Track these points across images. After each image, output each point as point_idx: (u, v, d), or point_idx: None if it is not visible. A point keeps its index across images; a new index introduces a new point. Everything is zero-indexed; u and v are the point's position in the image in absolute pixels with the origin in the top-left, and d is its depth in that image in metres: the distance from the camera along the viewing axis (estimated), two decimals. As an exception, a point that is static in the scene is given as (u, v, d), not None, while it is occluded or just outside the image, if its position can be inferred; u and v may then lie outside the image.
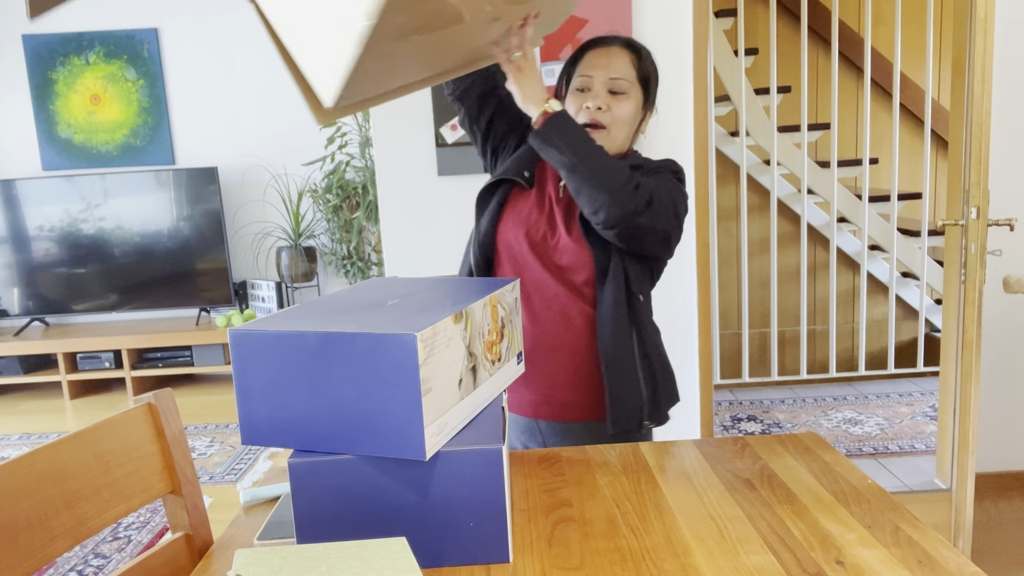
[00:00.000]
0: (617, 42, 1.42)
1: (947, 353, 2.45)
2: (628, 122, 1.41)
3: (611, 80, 1.38)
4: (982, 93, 2.02)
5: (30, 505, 0.90)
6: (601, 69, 1.39)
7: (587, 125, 1.39)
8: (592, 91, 1.40)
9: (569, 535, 0.97)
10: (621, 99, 1.39)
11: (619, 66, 1.39)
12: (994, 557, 2.24)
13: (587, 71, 1.40)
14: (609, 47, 1.41)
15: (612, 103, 1.39)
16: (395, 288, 1.11)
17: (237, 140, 4.29)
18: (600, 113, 1.38)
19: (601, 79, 1.39)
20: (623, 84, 1.39)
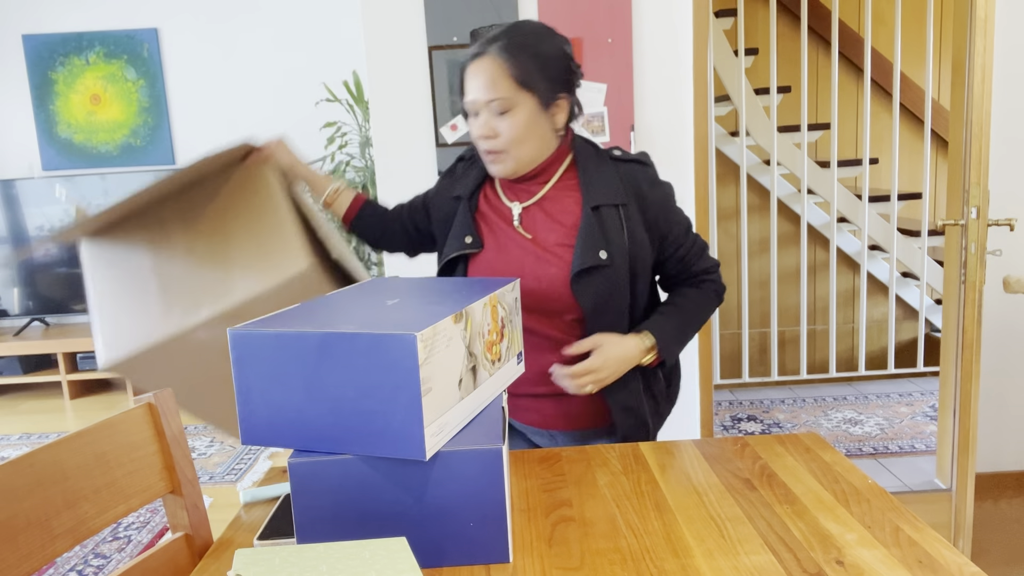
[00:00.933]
0: (487, 51, 1.28)
1: (947, 353, 2.45)
2: (526, 134, 1.29)
3: (487, 103, 1.27)
4: (982, 93, 2.01)
5: (30, 505, 0.90)
6: (476, 92, 1.28)
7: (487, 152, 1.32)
8: (479, 118, 1.30)
9: (569, 535, 0.97)
10: (506, 117, 1.28)
11: (493, 83, 1.26)
12: (994, 557, 2.24)
13: (467, 96, 1.31)
14: (480, 61, 1.28)
15: (499, 124, 1.28)
16: (395, 288, 1.11)
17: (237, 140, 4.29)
18: (492, 142, 1.30)
19: (480, 104, 1.28)
20: (504, 102, 1.27)
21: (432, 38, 2.33)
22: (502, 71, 1.26)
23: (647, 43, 2.35)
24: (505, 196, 1.40)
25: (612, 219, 1.32)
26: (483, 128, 1.29)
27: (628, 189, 1.34)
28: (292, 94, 4.24)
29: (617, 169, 1.35)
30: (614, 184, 1.34)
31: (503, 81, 1.26)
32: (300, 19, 4.18)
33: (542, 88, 1.29)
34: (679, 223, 1.39)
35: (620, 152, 1.39)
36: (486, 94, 1.27)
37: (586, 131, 2.37)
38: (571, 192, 1.36)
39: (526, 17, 2.32)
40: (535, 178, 1.36)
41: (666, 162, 2.40)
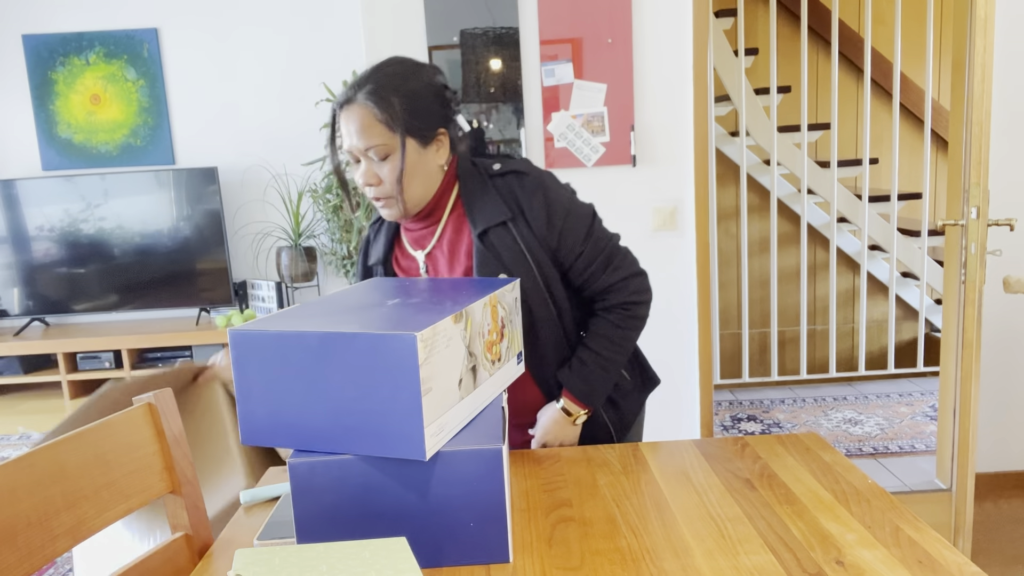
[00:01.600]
0: (356, 97, 1.23)
1: (947, 353, 2.45)
2: (409, 176, 1.25)
3: (365, 151, 1.23)
4: (982, 93, 2.01)
5: (30, 505, 0.90)
6: (353, 140, 1.24)
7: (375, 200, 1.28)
8: (360, 165, 1.27)
9: (569, 535, 0.97)
10: (386, 162, 1.24)
11: (366, 131, 1.22)
12: (994, 557, 2.24)
13: (344, 144, 1.26)
14: (349, 108, 1.23)
15: (381, 170, 1.24)
16: (395, 288, 1.11)
17: (237, 140, 4.30)
18: (376, 189, 1.25)
19: (358, 152, 1.24)
20: (379, 149, 1.22)
21: (432, 38, 2.33)
22: (372, 117, 1.22)
23: (647, 43, 2.35)
24: (410, 246, 1.36)
25: (503, 238, 1.27)
26: (366, 176, 1.26)
27: (509, 203, 1.28)
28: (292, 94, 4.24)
29: (497, 185, 1.30)
30: (494, 203, 1.28)
31: (375, 127, 1.22)
32: (300, 19, 4.18)
33: (415, 128, 1.24)
34: (571, 230, 1.29)
35: (499, 166, 1.32)
36: (362, 142, 1.22)
37: (586, 131, 2.37)
38: (463, 222, 1.31)
39: (526, 17, 2.32)
40: (428, 217, 1.31)
41: (666, 162, 2.40)
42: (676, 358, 2.48)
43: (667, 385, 2.50)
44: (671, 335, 2.47)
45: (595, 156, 2.38)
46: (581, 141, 2.37)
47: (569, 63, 2.34)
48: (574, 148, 2.38)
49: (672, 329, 2.47)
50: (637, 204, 2.42)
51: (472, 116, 2.37)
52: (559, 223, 1.28)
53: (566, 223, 1.29)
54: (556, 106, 2.36)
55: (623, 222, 2.43)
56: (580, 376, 1.31)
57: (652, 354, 2.48)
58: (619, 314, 1.33)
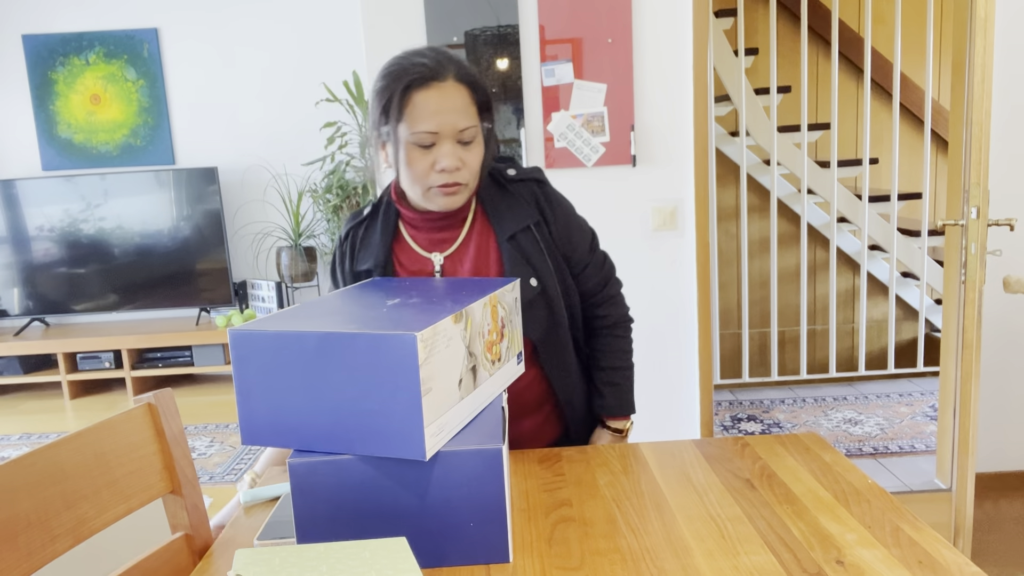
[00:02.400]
0: (447, 74, 1.15)
1: (947, 353, 2.45)
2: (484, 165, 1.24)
3: (460, 132, 1.15)
4: (982, 93, 2.01)
5: (30, 505, 0.90)
6: (446, 120, 1.14)
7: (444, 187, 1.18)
8: (440, 147, 1.15)
9: (569, 535, 0.97)
10: (472, 146, 1.18)
11: (463, 110, 1.15)
12: (994, 557, 2.24)
13: (427, 125, 1.13)
14: (442, 85, 1.14)
15: (464, 155, 1.17)
16: (395, 288, 1.11)
17: (237, 140, 4.30)
18: (458, 174, 1.17)
19: (449, 133, 1.14)
20: (473, 131, 1.16)
21: (432, 38, 2.33)
22: (469, 99, 1.16)
23: (647, 43, 2.35)
24: (420, 248, 1.30)
25: (529, 243, 1.27)
26: (451, 159, 1.15)
27: (532, 208, 1.28)
28: (292, 94, 4.24)
29: (517, 191, 1.29)
30: (519, 207, 1.28)
31: (470, 109, 1.16)
32: (300, 19, 4.18)
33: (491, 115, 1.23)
34: (581, 242, 1.33)
35: (514, 172, 1.31)
36: (459, 122, 1.14)
37: (586, 131, 2.37)
38: (485, 227, 1.29)
39: (525, 17, 2.32)
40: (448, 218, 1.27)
41: (666, 162, 2.40)
42: (676, 358, 2.48)
43: (667, 385, 2.50)
44: (671, 335, 2.47)
45: (595, 156, 2.38)
46: (581, 141, 2.37)
47: (569, 63, 2.34)
48: (574, 148, 2.38)
49: (672, 329, 2.47)
50: (637, 204, 2.42)
51: (472, 116, 2.37)
52: (575, 235, 1.33)
53: (579, 235, 1.33)
54: (556, 106, 2.36)
55: (623, 222, 2.43)
56: (615, 397, 1.39)
57: (652, 354, 2.48)
58: (623, 328, 1.40)
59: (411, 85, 1.14)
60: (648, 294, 2.46)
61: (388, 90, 1.16)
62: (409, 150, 1.16)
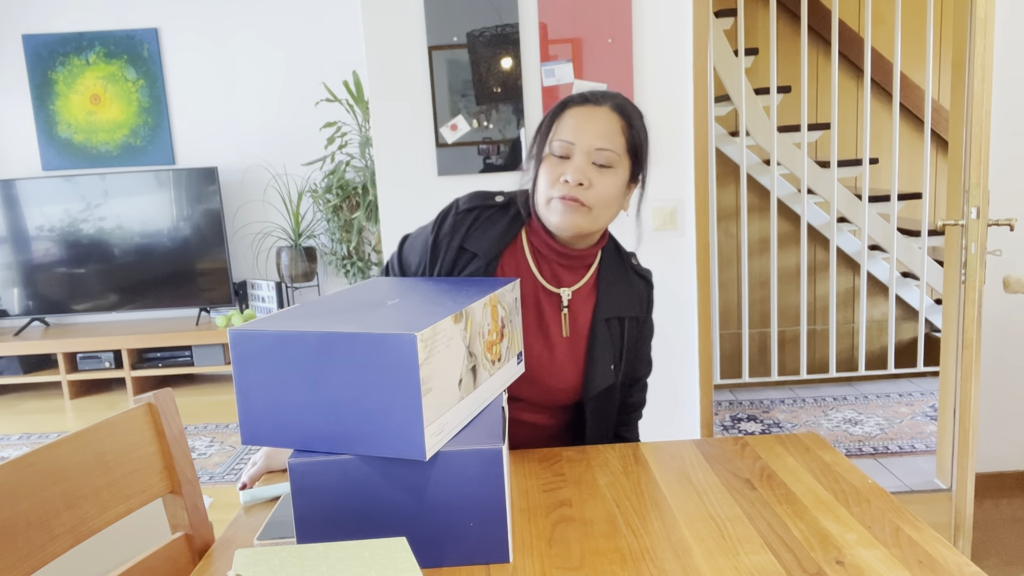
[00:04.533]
0: (606, 102, 1.20)
1: (947, 353, 2.45)
2: (613, 201, 1.21)
3: (596, 151, 1.17)
4: (982, 93, 2.01)
5: (30, 505, 0.90)
6: (585, 135, 1.17)
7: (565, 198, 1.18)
8: (572, 161, 1.18)
9: (569, 535, 0.97)
10: (606, 173, 1.18)
11: (606, 133, 1.18)
12: (994, 557, 2.24)
13: (568, 136, 1.18)
14: (596, 108, 1.19)
15: (595, 177, 1.17)
16: (395, 288, 1.11)
17: (237, 140, 4.30)
18: (581, 190, 1.17)
19: (584, 148, 1.17)
20: (610, 156, 1.18)
21: (432, 38, 2.33)
22: (619, 128, 1.19)
23: (647, 43, 2.35)
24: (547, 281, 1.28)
25: (618, 332, 1.30)
26: (578, 173, 1.16)
27: (637, 305, 1.32)
28: (292, 94, 4.24)
29: (633, 281, 1.32)
30: (630, 297, 1.31)
31: (617, 136, 1.19)
32: (300, 19, 4.18)
33: (642, 161, 1.24)
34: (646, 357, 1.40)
35: (636, 262, 1.36)
36: (598, 141, 1.17)
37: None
38: (590, 292, 1.30)
39: (526, 17, 2.32)
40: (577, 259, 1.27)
41: (666, 162, 2.40)
42: (676, 358, 2.48)
43: (667, 385, 2.50)
44: (671, 335, 2.47)
45: (595, 156, 2.38)
46: (581, 141, 2.37)
47: (569, 63, 2.34)
48: (574, 148, 2.37)
49: (672, 329, 2.47)
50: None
51: (472, 116, 2.37)
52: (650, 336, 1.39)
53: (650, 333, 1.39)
54: (556, 106, 2.36)
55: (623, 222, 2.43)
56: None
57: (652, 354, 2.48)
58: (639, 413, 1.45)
59: (568, 103, 1.22)
60: (648, 294, 2.46)
61: (552, 109, 1.24)
62: (547, 159, 1.21)
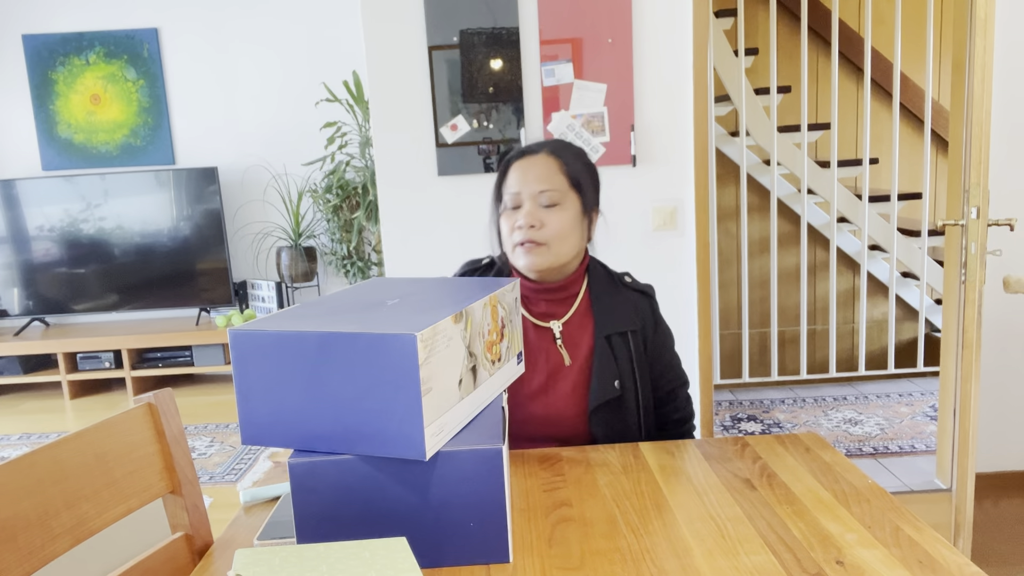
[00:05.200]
0: (541, 150, 1.34)
1: (947, 353, 2.45)
2: (569, 233, 1.31)
3: (540, 193, 1.30)
4: (982, 93, 2.01)
5: (30, 505, 0.90)
6: (528, 182, 1.30)
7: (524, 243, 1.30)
8: (523, 208, 1.31)
9: (569, 535, 0.97)
10: (554, 211, 1.30)
11: (545, 176, 1.30)
12: (994, 557, 2.24)
13: (515, 187, 1.32)
14: (533, 157, 1.33)
15: (546, 217, 1.30)
16: (395, 288, 1.11)
17: (237, 140, 4.30)
18: (535, 231, 1.29)
19: (529, 193, 1.30)
20: (553, 195, 1.30)
21: (432, 38, 2.33)
22: (556, 167, 1.31)
23: (647, 43, 2.35)
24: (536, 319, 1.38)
25: (622, 347, 1.36)
26: (529, 217, 1.29)
27: (635, 317, 1.38)
28: (292, 94, 4.24)
29: (628, 297, 1.40)
30: (625, 312, 1.38)
31: (555, 176, 1.30)
32: (300, 19, 4.18)
33: (587, 192, 1.34)
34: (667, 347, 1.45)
35: (630, 279, 1.44)
36: (539, 185, 1.30)
37: (586, 131, 2.37)
38: (584, 317, 1.38)
39: (526, 17, 2.32)
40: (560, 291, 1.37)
41: (666, 162, 2.40)
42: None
43: (667, 385, 2.50)
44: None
45: (595, 156, 2.38)
46: (581, 141, 2.37)
47: (569, 63, 2.34)
48: (574, 148, 2.37)
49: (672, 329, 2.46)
50: (637, 204, 2.42)
51: (472, 116, 2.37)
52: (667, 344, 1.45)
53: (666, 341, 1.45)
54: (556, 106, 2.36)
55: (623, 222, 2.43)
56: None
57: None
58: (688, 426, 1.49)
59: (510, 160, 1.36)
60: (648, 294, 2.46)
61: (499, 170, 1.38)
62: (504, 214, 1.35)
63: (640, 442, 1.28)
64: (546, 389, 1.34)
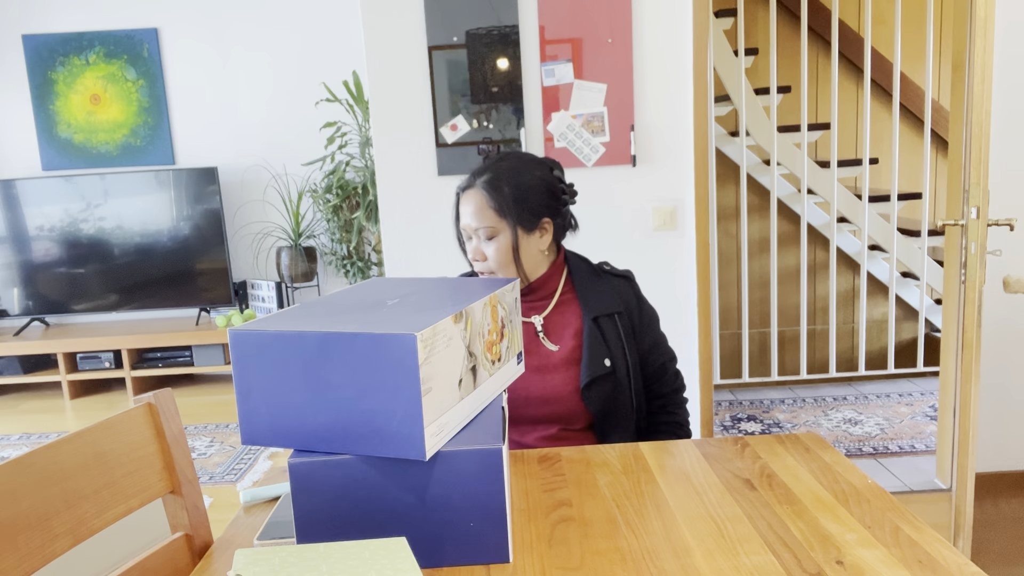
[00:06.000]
0: (473, 185, 1.43)
1: (947, 353, 2.45)
2: (509, 260, 1.42)
3: (475, 230, 1.42)
4: (982, 93, 2.01)
5: (30, 505, 0.90)
6: (467, 219, 1.42)
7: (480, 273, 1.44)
8: (471, 242, 1.44)
9: (569, 535, 0.97)
10: (493, 242, 1.41)
11: (478, 212, 1.40)
12: (994, 557, 2.24)
13: (461, 221, 1.45)
14: (469, 192, 1.43)
15: (487, 249, 1.42)
16: (395, 288, 1.11)
17: (237, 140, 4.30)
18: (483, 264, 1.42)
19: (470, 230, 1.43)
20: (489, 230, 1.41)
21: (432, 38, 2.33)
22: (484, 202, 1.40)
23: (647, 43, 2.35)
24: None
25: (610, 328, 1.45)
26: (474, 252, 1.43)
27: (618, 300, 1.48)
28: (292, 94, 4.24)
29: (609, 283, 1.49)
30: (609, 296, 1.47)
31: (486, 211, 1.40)
32: (300, 19, 4.18)
33: (523, 216, 1.41)
34: (653, 326, 1.53)
35: (609, 267, 1.53)
36: (474, 222, 1.41)
37: (586, 131, 2.37)
38: (570, 306, 1.48)
39: (526, 17, 2.32)
40: (536, 292, 1.47)
41: (666, 162, 2.40)
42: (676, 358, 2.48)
43: (667, 385, 2.50)
44: (671, 335, 2.46)
45: (595, 156, 2.38)
46: (581, 141, 2.37)
47: (569, 63, 2.34)
48: (574, 148, 2.38)
49: (672, 329, 2.47)
50: (637, 204, 2.42)
51: (472, 116, 2.37)
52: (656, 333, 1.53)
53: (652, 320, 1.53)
54: (556, 106, 2.36)
55: (623, 222, 2.43)
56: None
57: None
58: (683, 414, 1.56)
59: (458, 191, 1.46)
60: (648, 294, 2.46)
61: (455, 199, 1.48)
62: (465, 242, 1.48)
63: (640, 442, 1.28)
64: (540, 370, 1.43)
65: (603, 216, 2.42)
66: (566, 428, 1.44)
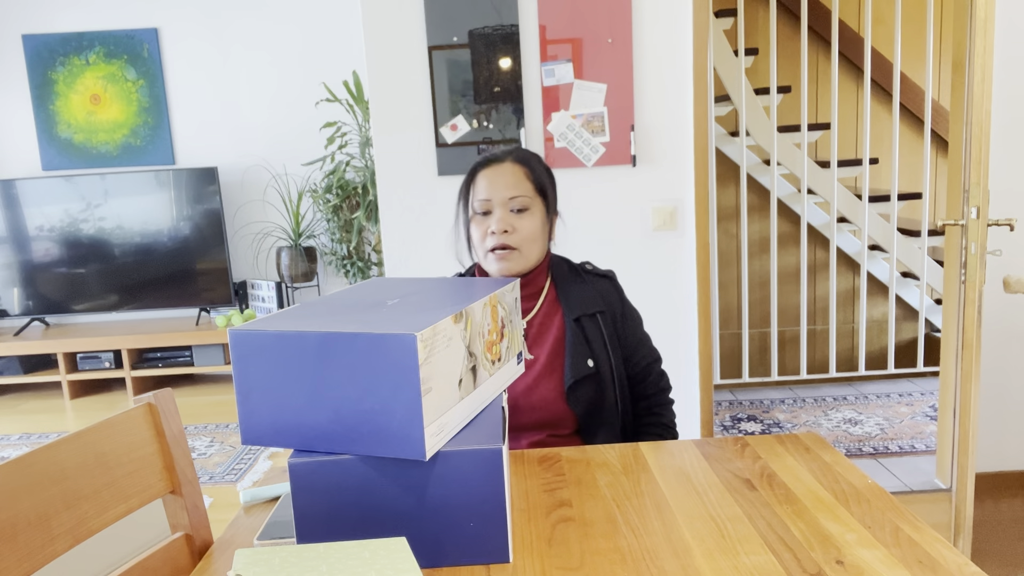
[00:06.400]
0: (507, 158, 1.41)
1: (947, 353, 2.45)
2: (538, 236, 1.40)
3: (510, 200, 1.37)
4: (982, 93, 2.01)
5: (30, 505, 0.90)
6: (498, 189, 1.37)
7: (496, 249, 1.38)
8: (494, 214, 1.38)
9: (569, 535, 0.97)
10: (524, 216, 1.38)
11: (514, 183, 1.37)
12: (994, 557, 2.24)
13: (484, 194, 1.39)
14: (500, 164, 1.40)
15: (516, 222, 1.37)
16: (395, 288, 1.11)
17: (237, 140, 4.30)
18: (507, 236, 1.37)
19: (500, 200, 1.37)
20: (523, 200, 1.37)
21: (432, 38, 2.33)
22: (523, 174, 1.38)
23: (647, 43, 2.35)
24: None
25: (592, 328, 1.43)
26: (501, 223, 1.36)
27: (600, 300, 1.46)
28: (292, 94, 4.24)
29: (592, 283, 1.48)
30: (590, 295, 1.46)
31: (523, 183, 1.38)
32: (300, 19, 4.18)
33: (551, 198, 1.42)
34: (635, 327, 1.51)
35: (590, 267, 1.52)
36: (508, 191, 1.37)
37: (586, 131, 2.37)
38: (552, 307, 1.46)
39: (526, 17, 2.32)
40: (525, 288, 1.45)
41: (666, 162, 2.40)
42: (676, 358, 2.48)
43: (667, 385, 2.50)
44: (671, 335, 2.47)
45: (595, 156, 2.38)
46: (581, 141, 2.37)
47: (569, 63, 2.34)
48: (574, 148, 2.38)
49: (672, 329, 2.47)
50: (637, 204, 2.42)
51: (472, 116, 2.37)
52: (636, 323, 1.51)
53: (635, 320, 1.51)
54: (556, 106, 2.36)
55: (623, 222, 2.43)
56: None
57: (652, 354, 2.48)
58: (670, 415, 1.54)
59: (477, 168, 1.42)
60: (648, 294, 2.46)
61: (465, 177, 1.43)
62: (473, 219, 1.41)
63: (639, 442, 1.28)
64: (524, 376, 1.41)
65: (603, 216, 2.42)
66: (553, 434, 1.42)
